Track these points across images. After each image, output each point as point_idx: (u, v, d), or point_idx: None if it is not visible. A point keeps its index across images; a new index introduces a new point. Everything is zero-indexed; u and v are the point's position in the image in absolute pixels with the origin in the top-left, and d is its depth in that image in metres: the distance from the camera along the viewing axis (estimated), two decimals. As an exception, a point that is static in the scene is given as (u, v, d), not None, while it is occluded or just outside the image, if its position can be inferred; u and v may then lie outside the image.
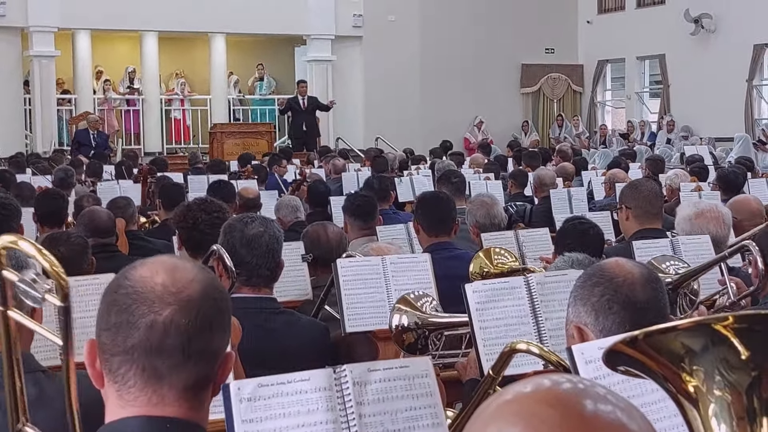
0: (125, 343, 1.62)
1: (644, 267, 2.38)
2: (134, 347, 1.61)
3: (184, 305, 1.63)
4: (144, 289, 1.64)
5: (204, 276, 1.70)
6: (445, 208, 5.12)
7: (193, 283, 1.66)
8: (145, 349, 1.61)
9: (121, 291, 1.65)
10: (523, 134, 21.80)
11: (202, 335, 1.64)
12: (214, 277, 1.74)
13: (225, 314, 1.70)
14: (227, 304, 1.72)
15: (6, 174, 9.78)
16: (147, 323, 1.61)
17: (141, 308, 1.62)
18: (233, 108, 21.60)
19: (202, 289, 1.66)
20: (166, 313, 1.62)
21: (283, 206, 7.09)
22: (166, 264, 1.69)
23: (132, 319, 1.62)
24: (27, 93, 19.05)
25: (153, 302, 1.62)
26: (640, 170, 11.27)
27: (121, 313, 1.63)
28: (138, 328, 1.61)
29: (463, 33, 21.19)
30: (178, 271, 1.67)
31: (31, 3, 18.17)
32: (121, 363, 1.62)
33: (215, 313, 1.67)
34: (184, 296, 1.64)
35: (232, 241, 3.54)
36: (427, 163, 13.00)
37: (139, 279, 1.65)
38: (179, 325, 1.62)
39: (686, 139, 18.99)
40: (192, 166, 13.00)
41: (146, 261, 1.71)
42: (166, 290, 1.64)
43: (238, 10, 19.32)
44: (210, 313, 1.65)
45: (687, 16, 19.66)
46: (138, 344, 1.61)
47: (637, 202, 4.95)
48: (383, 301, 3.81)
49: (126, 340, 1.62)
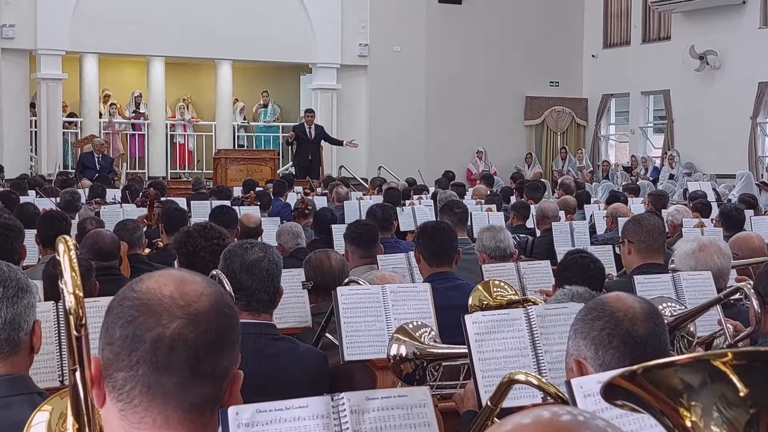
0: (130, 357, 1.53)
1: (645, 302, 2.38)
2: (139, 362, 1.53)
3: (192, 319, 1.55)
4: (151, 301, 1.56)
5: (214, 290, 1.62)
6: (446, 239, 5.12)
7: (202, 297, 1.58)
8: (150, 365, 1.53)
9: (126, 303, 1.57)
10: (527, 166, 21.84)
11: (211, 351, 1.56)
12: (223, 293, 1.66)
13: (234, 331, 1.62)
14: (237, 321, 1.64)
15: (11, 195, 9.81)
16: (153, 337, 1.53)
17: (148, 321, 1.54)
18: (237, 134, 21.67)
19: (212, 304, 1.58)
20: (174, 326, 1.54)
21: (284, 233, 7.09)
22: (174, 276, 1.62)
23: (138, 332, 1.54)
24: (33, 115, 19.12)
25: (160, 315, 1.54)
26: (643, 205, 11.28)
27: (127, 325, 1.55)
28: (144, 342, 1.53)
29: (468, 65, 21.30)
30: (188, 284, 1.59)
31: (40, 26, 18.28)
32: (126, 380, 1.54)
33: (225, 328, 1.59)
34: (193, 310, 1.56)
35: (232, 266, 3.54)
36: (429, 193, 13.02)
37: (147, 291, 1.58)
38: (187, 339, 1.53)
39: (689, 175, 19.01)
40: (195, 191, 13.03)
41: (154, 273, 1.64)
42: (174, 303, 1.56)
43: (245, 37, 19.44)
44: (219, 328, 1.57)
45: (692, 52, 19.75)
46: (144, 359, 1.53)
47: (639, 236, 4.96)
48: (382, 330, 3.80)
49: (131, 354, 1.53)
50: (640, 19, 21.58)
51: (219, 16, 19.29)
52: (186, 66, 21.36)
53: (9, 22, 18.04)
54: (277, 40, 19.77)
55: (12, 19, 18.07)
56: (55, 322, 3.37)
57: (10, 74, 18.32)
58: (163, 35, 19.00)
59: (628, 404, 1.08)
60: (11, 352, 2.44)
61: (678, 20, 20.58)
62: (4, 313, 2.43)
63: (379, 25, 20.64)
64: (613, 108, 23.02)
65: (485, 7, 21.44)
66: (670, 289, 4.31)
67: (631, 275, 4.70)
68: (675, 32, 20.69)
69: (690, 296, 4.30)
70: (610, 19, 22.47)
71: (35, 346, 2.50)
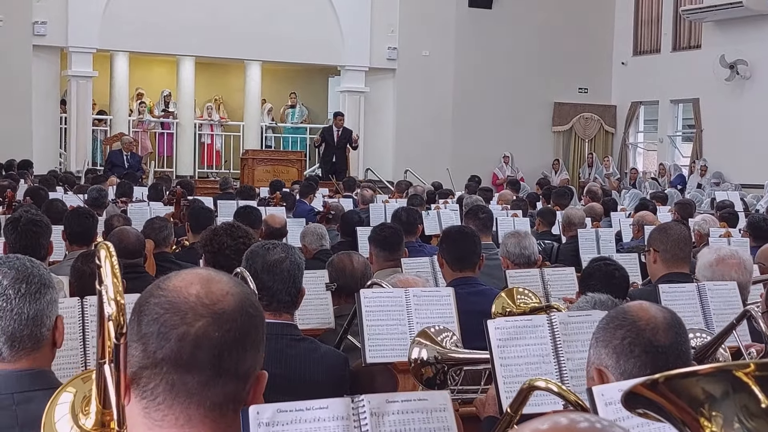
0: (155, 355, 1.54)
1: (668, 311, 2.37)
2: (164, 360, 1.54)
3: (217, 318, 1.56)
4: (177, 299, 1.57)
5: (240, 290, 1.62)
6: (470, 244, 5.10)
7: (228, 297, 1.59)
8: (175, 363, 1.54)
9: (152, 300, 1.58)
10: (554, 173, 21.76)
11: (235, 351, 1.57)
12: (249, 292, 1.66)
13: (259, 331, 1.63)
14: (262, 321, 1.65)
15: (40, 192, 9.89)
16: (178, 335, 1.54)
17: (173, 318, 1.55)
18: (265, 135, 21.74)
19: (237, 303, 1.59)
20: (199, 324, 1.54)
21: (308, 234, 7.10)
22: (201, 275, 1.62)
23: (163, 330, 1.55)
24: (63, 112, 19.27)
25: (186, 313, 1.55)
26: (670, 214, 11.21)
27: (152, 323, 1.56)
28: (169, 340, 1.54)
29: (496, 70, 21.26)
30: (214, 283, 1.60)
31: (72, 24, 18.43)
32: (150, 377, 1.55)
33: (250, 328, 1.59)
34: (219, 309, 1.56)
35: (254, 266, 3.56)
36: (454, 197, 13.00)
37: (173, 289, 1.59)
38: (211, 338, 1.54)
39: (717, 185, 18.89)
40: (223, 191, 13.08)
41: (181, 272, 1.64)
42: (200, 302, 1.57)
43: (275, 39, 19.51)
44: (244, 328, 1.58)
45: (722, 61, 19.62)
46: (168, 357, 1.54)
47: (665, 245, 4.92)
48: (405, 334, 3.79)
49: (156, 352, 1.54)
50: (670, 27, 21.47)
51: (249, 17, 19.38)
52: (215, 66, 21.47)
53: (41, 19, 18.20)
54: (307, 42, 19.83)
55: (44, 16, 18.23)
56: (80, 319, 3.38)
57: (41, 71, 18.47)
58: (193, 35, 19.11)
59: (649, 413, 1.07)
60: (33, 347, 2.45)
61: (709, 29, 20.45)
62: (27, 308, 2.45)
63: (408, 28, 20.66)
64: (642, 116, 22.91)
65: (515, 13, 21.40)
66: (695, 299, 4.28)
67: (656, 284, 4.67)
68: (705, 41, 20.57)
69: (715, 307, 4.27)
70: (640, 27, 22.36)
71: (57, 341, 2.52)
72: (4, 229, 5.25)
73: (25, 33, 18.03)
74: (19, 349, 2.43)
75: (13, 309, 2.43)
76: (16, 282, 2.45)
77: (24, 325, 2.44)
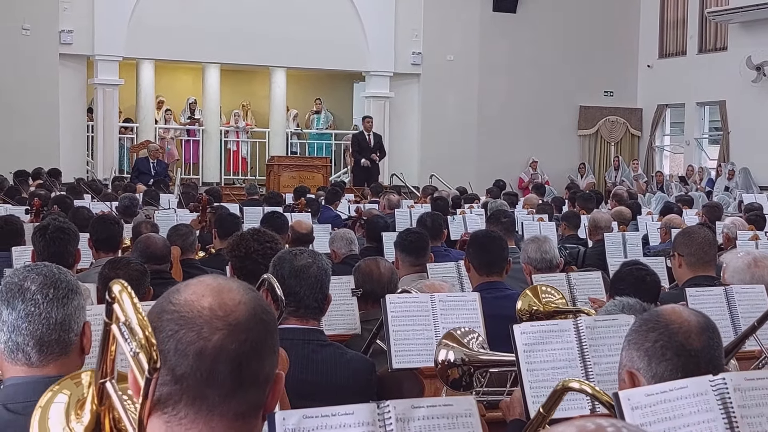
0: (174, 372, 1.54)
1: (702, 315, 2.36)
2: (184, 376, 1.54)
3: (233, 329, 1.56)
4: (191, 313, 1.56)
5: (251, 296, 1.63)
6: (497, 248, 5.09)
7: (240, 306, 1.59)
8: (195, 378, 1.54)
9: (165, 316, 1.58)
10: (580, 176, 21.69)
11: (254, 360, 1.57)
12: (260, 297, 1.66)
13: (274, 335, 1.63)
14: (275, 325, 1.66)
15: (66, 200, 9.96)
16: (196, 350, 1.54)
17: (189, 335, 1.54)
18: (290, 141, 21.80)
19: (250, 311, 1.59)
20: (216, 338, 1.54)
21: (337, 238, 7.10)
22: (211, 286, 1.61)
23: (180, 347, 1.54)
24: (90, 120, 19.41)
25: (201, 327, 1.55)
26: (697, 216, 11.15)
27: (168, 340, 1.55)
28: (187, 356, 1.54)
29: (521, 74, 21.22)
30: (225, 293, 1.60)
31: (98, 32, 18.57)
32: (171, 393, 1.55)
33: (265, 335, 1.60)
34: (233, 319, 1.56)
35: (281, 272, 3.57)
36: (479, 202, 12.98)
37: (185, 303, 1.58)
38: (229, 350, 1.54)
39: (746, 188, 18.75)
40: (249, 197, 13.12)
41: (190, 282, 1.63)
42: (214, 314, 1.56)
43: (300, 45, 19.56)
44: (260, 335, 1.59)
45: (749, 63, 19.49)
46: (188, 373, 1.54)
47: (690, 249, 4.90)
48: (431, 339, 3.79)
49: (175, 368, 1.54)
50: (696, 29, 21.35)
51: (273, 24, 19.45)
52: (241, 73, 21.55)
53: (67, 28, 18.34)
54: (331, 48, 19.87)
55: (70, 25, 18.38)
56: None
57: (67, 79, 18.62)
58: (218, 42, 19.19)
59: None
60: (62, 353, 2.47)
61: (735, 31, 20.31)
62: (55, 314, 2.46)
63: (433, 33, 20.65)
64: (668, 118, 22.79)
65: (540, 16, 21.35)
66: (722, 302, 4.25)
67: (682, 288, 4.65)
68: (731, 42, 20.43)
69: (743, 310, 4.24)
70: (666, 29, 22.25)
71: (86, 347, 2.54)
72: (33, 237, 5.29)
73: (52, 42, 18.19)
74: (47, 354, 2.45)
75: (41, 314, 2.45)
76: (44, 287, 2.47)
77: (52, 330, 2.45)
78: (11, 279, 2.51)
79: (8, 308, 2.46)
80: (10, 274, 2.54)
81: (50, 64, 18.20)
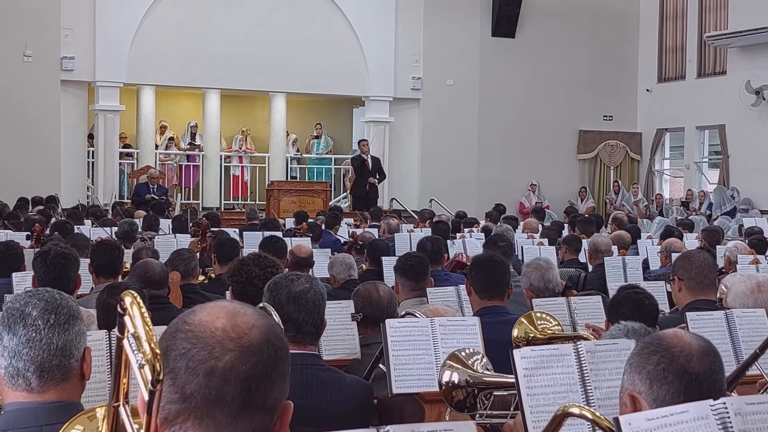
0: (183, 390, 1.55)
1: (703, 340, 2.36)
2: (193, 395, 1.54)
3: (244, 351, 1.56)
4: (204, 333, 1.58)
5: (264, 322, 1.63)
6: (499, 272, 5.07)
7: (254, 329, 1.60)
8: (204, 397, 1.54)
9: (179, 335, 1.59)
10: (580, 200, 21.70)
11: (263, 383, 1.57)
12: (274, 324, 1.67)
13: (285, 362, 1.63)
14: (287, 352, 1.65)
15: (66, 225, 9.98)
16: (206, 369, 1.54)
17: (200, 353, 1.55)
18: (290, 166, 21.83)
19: (263, 336, 1.60)
20: (227, 359, 1.55)
21: (336, 263, 7.10)
22: (226, 309, 1.63)
23: (191, 365, 1.55)
24: (91, 146, 19.45)
25: (213, 347, 1.56)
26: (697, 240, 11.14)
27: (180, 358, 1.56)
28: (197, 375, 1.54)
29: (521, 99, 21.28)
30: (239, 316, 1.61)
31: (99, 59, 18.64)
32: (179, 412, 1.55)
33: (276, 360, 1.60)
34: (245, 342, 1.57)
35: (279, 298, 3.56)
36: (479, 226, 12.98)
37: (199, 323, 1.59)
38: (239, 372, 1.55)
39: (746, 211, 18.76)
40: (249, 222, 13.13)
41: (206, 305, 1.64)
42: (226, 335, 1.57)
43: (300, 70, 19.64)
44: (271, 360, 1.59)
45: (748, 87, 19.55)
46: (197, 392, 1.54)
47: (689, 273, 4.90)
48: (431, 363, 3.78)
49: (184, 387, 1.55)
50: (695, 53, 21.42)
51: (273, 49, 19.52)
52: (241, 99, 21.61)
53: (69, 55, 18.41)
54: (331, 73, 19.94)
55: (71, 51, 18.45)
56: (107, 351, 3.40)
57: (68, 105, 18.68)
58: (219, 68, 19.27)
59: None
60: (62, 378, 2.47)
61: (734, 55, 20.39)
62: (56, 339, 2.47)
63: (433, 58, 20.73)
64: (668, 142, 22.82)
65: (539, 41, 21.43)
66: (723, 327, 4.25)
67: (682, 312, 4.64)
68: (731, 67, 20.50)
69: (744, 334, 4.23)
70: (664, 53, 22.33)
71: (86, 373, 2.53)
72: (33, 262, 5.30)
73: (53, 68, 18.25)
74: (48, 380, 2.45)
75: (42, 339, 2.45)
76: (45, 313, 2.48)
77: (53, 355, 2.46)
78: (12, 304, 2.51)
79: (9, 333, 2.46)
80: (12, 300, 2.55)
81: (51, 90, 18.26)
